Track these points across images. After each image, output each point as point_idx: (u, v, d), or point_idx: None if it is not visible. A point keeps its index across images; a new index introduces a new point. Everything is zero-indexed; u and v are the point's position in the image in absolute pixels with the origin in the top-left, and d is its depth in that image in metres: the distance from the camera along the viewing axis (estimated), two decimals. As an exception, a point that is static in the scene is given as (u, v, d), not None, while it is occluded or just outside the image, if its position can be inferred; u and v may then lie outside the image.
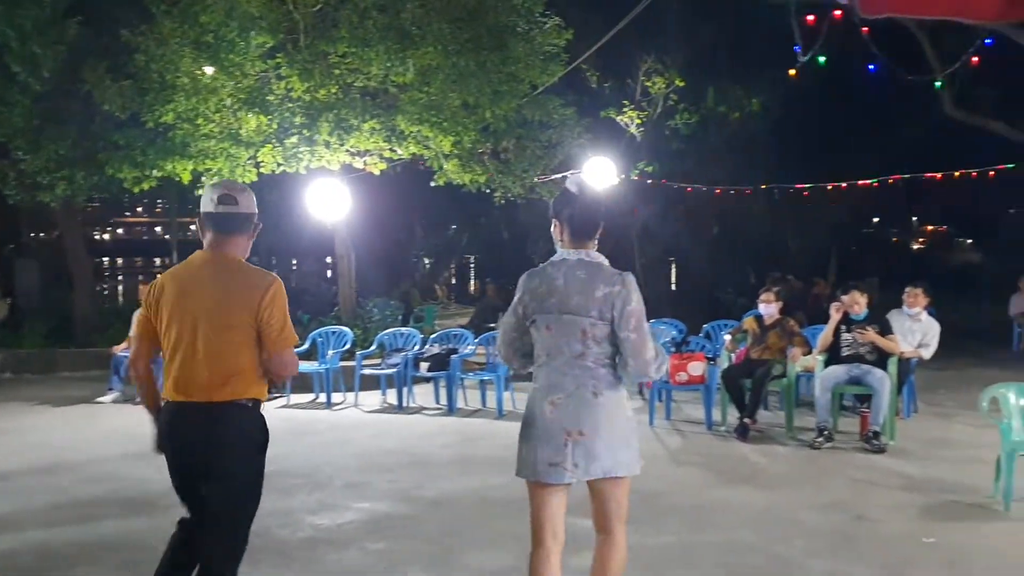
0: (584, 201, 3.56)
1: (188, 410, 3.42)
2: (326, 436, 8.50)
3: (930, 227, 50.07)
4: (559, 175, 13.75)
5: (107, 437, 8.41)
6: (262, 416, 3.55)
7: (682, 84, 16.59)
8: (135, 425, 9.02)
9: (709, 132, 18.57)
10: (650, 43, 16.27)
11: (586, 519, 3.63)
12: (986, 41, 12.39)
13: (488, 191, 13.32)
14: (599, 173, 13.53)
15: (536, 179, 13.41)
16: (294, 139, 10.90)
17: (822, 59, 11.83)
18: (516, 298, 3.59)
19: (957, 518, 5.75)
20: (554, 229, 3.59)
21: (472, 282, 35.33)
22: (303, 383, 10.35)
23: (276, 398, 9.96)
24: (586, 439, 3.37)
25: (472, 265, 35.86)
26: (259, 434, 3.51)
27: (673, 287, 26.10)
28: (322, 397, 10.27)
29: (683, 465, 7.29)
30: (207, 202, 3.52)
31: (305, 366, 9.94)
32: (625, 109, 16.40)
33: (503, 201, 13.82)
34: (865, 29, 10.38)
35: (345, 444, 8.16)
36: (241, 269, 3.53)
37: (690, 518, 5.75)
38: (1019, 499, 5.84)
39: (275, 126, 10.79)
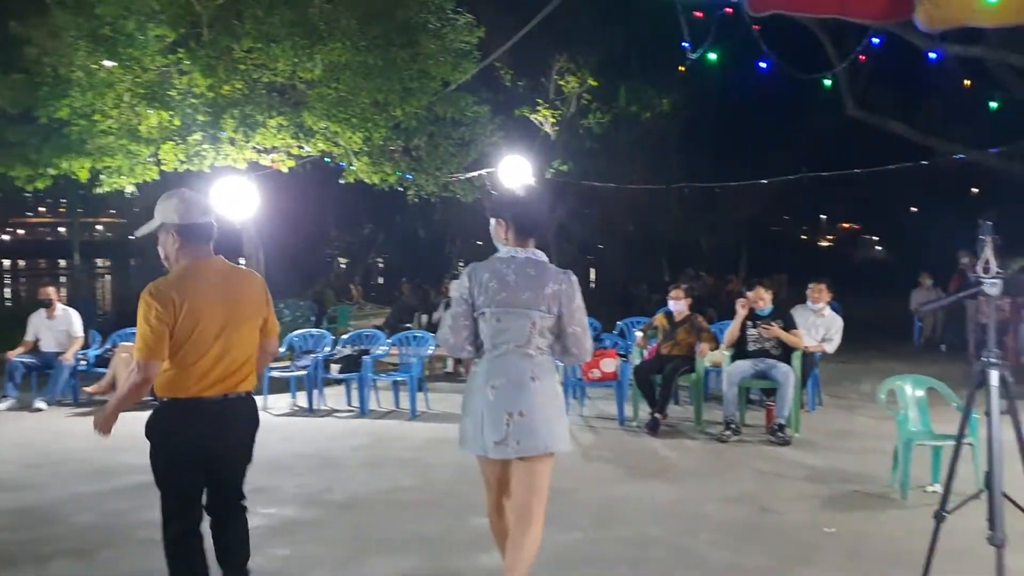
0: (527, 201, 3.94)
1: (233, 404, 3.70)
2: (232, 440, 8.25)
3: (846, 224, 51.62)
4: (473, 173, 13.69)
5: (3, 445, 8.05)
6: None
7: (595, 84, 16.73)
8: (32, 433, 8.73)
9: (621, 131, 18.78)
10: (563, 42, 16.35)
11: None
12: (872, 40, 12.71)
13: (401, 189, 13.17)
14: (514, 172, 13.49)
15: (450, 177, 13.31)
16: (197, 136, 10.56)
17: (712, 56, 12.02)
18: (464, 288, 3.80)
19: (857, 507, 5.89)
20: (496, 228, 3.83)
21: (378, 281, 33.75)
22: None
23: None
24: (525, 419, 3.65)
25: (381, 265, 34.74)
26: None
27: (593, 285, 26.32)
28: (229, 400, 9.99)
29: (594, 461, 7.32)
30: (190, 214, 3.64)
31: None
32: (539, 108, 16.44)
33: (416, 199, 13.69)
34: (757, 27, 10.57)
35: (252, 448, 7.96)
36: (239, 269, 3.82)
37: (598, 513, 5.76)
38: (916, 487, 6.01)
39: (177, 122, 10.43)
